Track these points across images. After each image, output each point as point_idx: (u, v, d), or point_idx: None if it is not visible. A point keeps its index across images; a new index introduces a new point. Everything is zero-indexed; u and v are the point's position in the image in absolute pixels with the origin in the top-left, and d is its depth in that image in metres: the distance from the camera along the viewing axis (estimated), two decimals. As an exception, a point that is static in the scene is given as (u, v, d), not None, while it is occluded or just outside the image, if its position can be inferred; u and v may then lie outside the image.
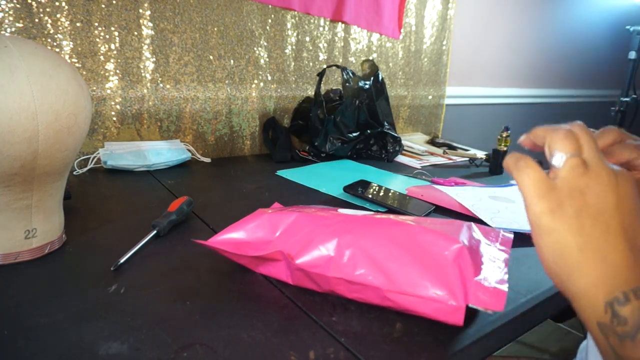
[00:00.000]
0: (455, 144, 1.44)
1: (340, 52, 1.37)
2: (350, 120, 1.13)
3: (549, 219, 0.29)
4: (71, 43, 0.87)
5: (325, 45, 1.32)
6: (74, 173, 0.84)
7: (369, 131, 1.16)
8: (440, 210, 0.76)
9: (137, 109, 0.98)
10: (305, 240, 0.45)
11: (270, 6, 1.14)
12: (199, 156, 1.03)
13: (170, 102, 1.02)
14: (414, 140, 1.46)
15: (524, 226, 0.65)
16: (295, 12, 1.21)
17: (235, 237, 0.49)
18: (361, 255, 0.42)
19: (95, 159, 0.88)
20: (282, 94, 1.24)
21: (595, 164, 0.30)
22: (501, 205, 0.74)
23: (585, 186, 0.29)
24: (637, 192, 0.29)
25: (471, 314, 0.44)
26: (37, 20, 0.82)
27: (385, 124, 1.19)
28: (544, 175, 0.31)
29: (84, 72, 0.89)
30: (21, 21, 0.81)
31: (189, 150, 1.01)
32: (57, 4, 0.84)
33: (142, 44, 0.96)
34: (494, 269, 0.43)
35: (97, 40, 0.90)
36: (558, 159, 0.30)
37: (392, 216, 0.49)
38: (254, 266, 0.48)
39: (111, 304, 0.41)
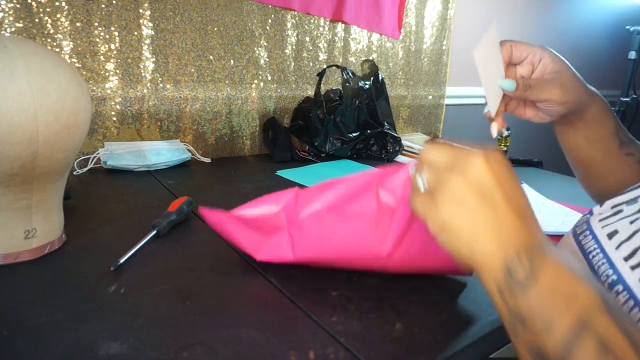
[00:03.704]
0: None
1: (340, 52, 1.37)
2: (350, 121, 1.13)
3: (435, 217, 0.33)
4: (71, 43, 0.87)
5: (325, 45, 1.31)
6: (74, 173, 0.84)
7: (368, 131, 1.16)
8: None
9: (137, 109, 0.98)
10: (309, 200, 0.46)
11: (270, 6, 1.14)
12: (199, 156, 1.03)
13: (170, 102, 1.02)
14: (413, 140, 1.46)
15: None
16: (295, 12, 1.21)
17: (242, 213, 0.49)
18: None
19: (95, 159, 0.88)
20: (282, 94, 1.24)
21: (457, 157, 0.33)
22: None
23: (455, 176, 0.32)
24: (508, 164, 0.32)
25: (471, 313, 0.44)
26: (37, 20, 0.82)
27: (385, 124, 1.19)
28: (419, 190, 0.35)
29: (84, 72, 0.89)
30: (21, 21, 0.81)
31: (189, 150, 1.00)
32: (57, 4, 0.84)
33: (142, 44, 0.96)
34: None
35: (97, 40, 0.90)
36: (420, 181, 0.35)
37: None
38: (255, 248, 0.48)
39: (111, 304, 0.41)
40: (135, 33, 0.94)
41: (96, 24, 0.89)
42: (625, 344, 0.24)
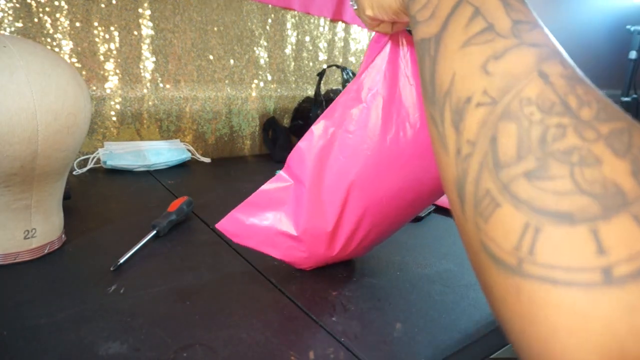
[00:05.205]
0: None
1: (340, 52, 1.37)
2: (350, 120, 1.13)
3: None
4: (71, 43, 0.87)
5: (325, 45, 1.31)
6: (74, 173, 0.84)
7: (369, 131, 1.15)
8: (440, 210, 0.76)
9: (137, 108, 0.98)
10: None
11: (270, 6, 1.14)
12: (199, 156, 1.03)
13: (170, 102, 1.02)
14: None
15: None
16: (295, 12, 1.21)
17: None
18: None
19: (95, 159, 0.88)
20: (282, 94, 1.24)
21: None
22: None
23: None
24: None
25: (471, 313, 0.44)
26: (36, 20, 0.82)
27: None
28: None
29: (84, 72, 0.89)
30: (20, 21, 0.81)
31: (189, 150, 1.00)
32: (56, 3, 0.84)
33: (142, 44, 0.96)
34: None
35: (97, 40, 0.90)
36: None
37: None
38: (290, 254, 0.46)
39: (111, 304, 0.41)
40: (135, 33, 0.94)
41: (96, 23, 0.89)
42: (502, 13, 0.20)
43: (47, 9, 0.83)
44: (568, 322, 0.14)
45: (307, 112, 1.16)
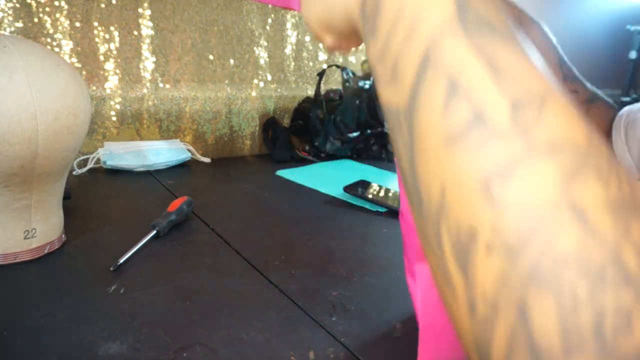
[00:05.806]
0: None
1: (340, 52, 1.37)
2: (351, 120, 1.13)
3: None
4: (71, 43, 0.87)
5: (325, 45, 1.32)
6: (74, 173, 0.84)
7: (369, 131, 1.16)
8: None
9: (137, 108, 0.98)
10: None
11: (270, 6, 1.14)
12: (198, 156, 1.03)
13: (170, 102, 1.02)
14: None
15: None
16: (295, 12, 1.21)
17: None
18: None
19: (94, 159, 0.88)
20: (282, 94, 1.24)
21: None
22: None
23: None
24: None
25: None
26: (36, 20, 0.82)
27: (386, 123, 1.19)
28: None
29: (84, 72, 0.89)
30: (20, 21, 0.81)
31: (189, 150, 1.00)
32: (56, 3, 0.84)
33: (142, 44, 0.96)
34: None
35: (97, 40, 0.90)
36: None
37: None
38: None
39: (111, 304, 0.41)
40: (135, 33, 0.94)
41: (96, 23, 0.89)
42: (492, 90, 0.14)
43: (47, 9, 0.83)
44: None
45: (307, 112, 1.16)
